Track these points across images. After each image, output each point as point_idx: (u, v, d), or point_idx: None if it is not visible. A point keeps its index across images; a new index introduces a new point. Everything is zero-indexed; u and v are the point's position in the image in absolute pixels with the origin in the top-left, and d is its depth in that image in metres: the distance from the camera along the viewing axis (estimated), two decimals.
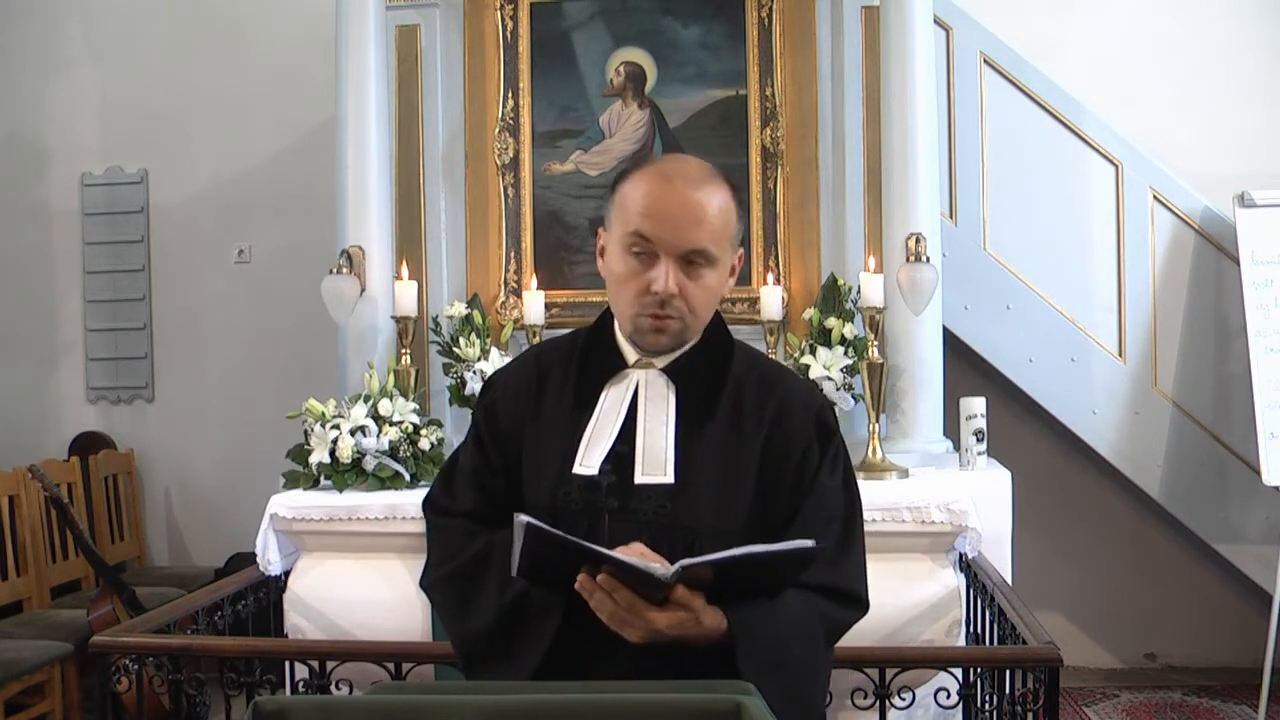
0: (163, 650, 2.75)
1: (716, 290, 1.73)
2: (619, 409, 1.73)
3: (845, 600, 1.74)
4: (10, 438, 5.40)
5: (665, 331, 1.70)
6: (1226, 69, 4.97)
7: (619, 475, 1.69)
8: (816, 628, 1.69)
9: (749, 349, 1.86)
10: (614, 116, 4.21)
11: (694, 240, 1.65)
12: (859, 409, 3.82)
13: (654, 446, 1.70)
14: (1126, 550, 5.05)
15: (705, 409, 1.73)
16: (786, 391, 1.78)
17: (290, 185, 5.29)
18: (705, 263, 1.67)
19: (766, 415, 1.74)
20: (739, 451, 1.72)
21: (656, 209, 1.65)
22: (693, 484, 1.68)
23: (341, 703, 1.42)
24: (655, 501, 1.67)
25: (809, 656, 1.67)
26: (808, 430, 1.75)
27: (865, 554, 1.79)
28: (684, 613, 1.55)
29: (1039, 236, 4.52)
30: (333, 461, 3.50)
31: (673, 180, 1.67)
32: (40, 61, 5.55)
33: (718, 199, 1.68)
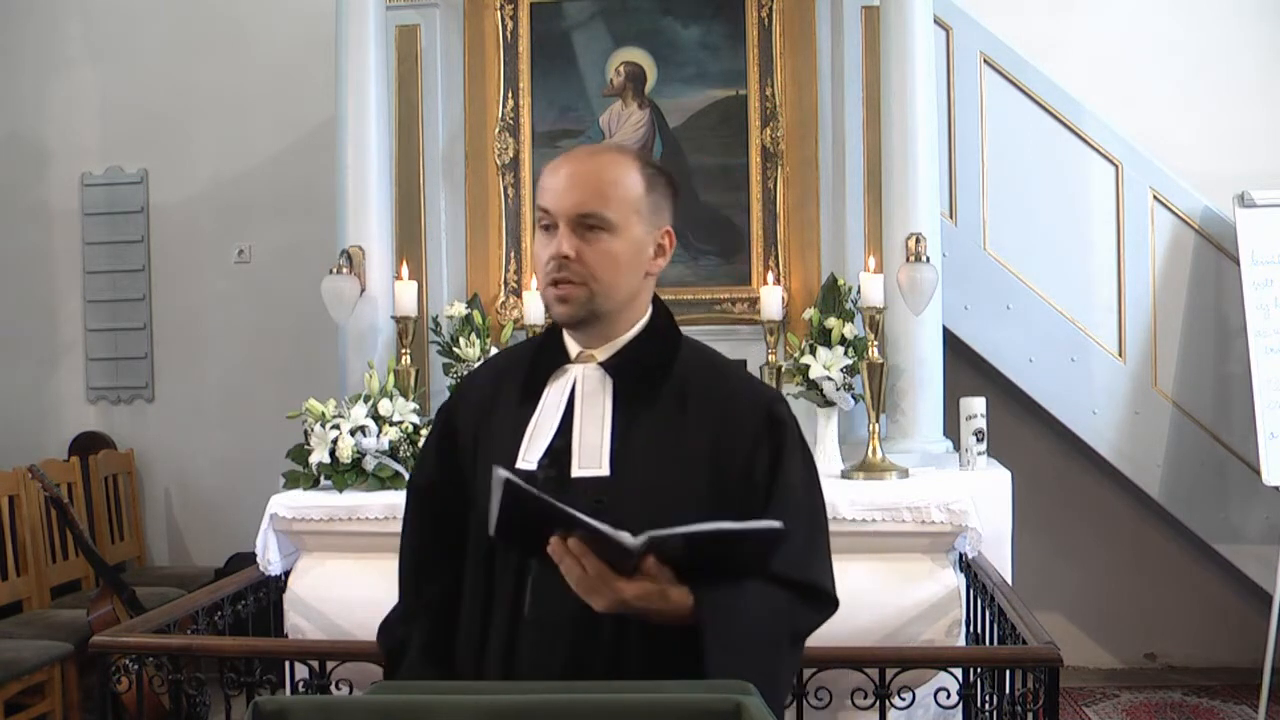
0: (163, 650, 2.75)
1: (623, 259, 1.71)
2: (559, 404, 1.75)
3: (815, 597, 1.74)
4: (10, 438, 5.40)
5: (568, 300, 1.70)
6: (1226, 69, 4.98)
7: (556, 469, 1.71)
8: (783, 622, 1.70)
9: (700, 345, 1.86)
10: (614, 116, 4.21)
11: (583, 203, 1.68)
12: (859, 409, 3.82)
13: (589, 440, 1.71)
14: (1126, 550, 5.05)
15: (643, 402, 1.73)
16: (734, 387, 1.78)
17: (290, 185, 5.29)
18: (602, 227, 1.69)
19: (712, 411, 1.73)
20: (681, 445, 1.71)
21: (552, 180, 1.71)
22: (629, 476, 1.69)
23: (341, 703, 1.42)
24: (591, 495, 1.68)
25: (773, 648, 1.67)
26: (758, 426, 1.73)
27: (830, 551, 1.79)
28: (651, 585, 1.57)
29: (1039, 236, 4.52)
30: (333, 461, 3.50)
31: (573, 155, 1.75)
32: (40, 61, 5.55)
33: (616, 167, 1.72)
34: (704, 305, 4.15)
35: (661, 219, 1.76)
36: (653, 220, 1.75)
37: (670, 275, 4.16)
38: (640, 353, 1.76)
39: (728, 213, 4.17)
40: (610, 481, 1.69)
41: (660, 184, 1.76)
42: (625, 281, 1.73)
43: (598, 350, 1.77)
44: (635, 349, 1.77)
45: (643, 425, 1.72)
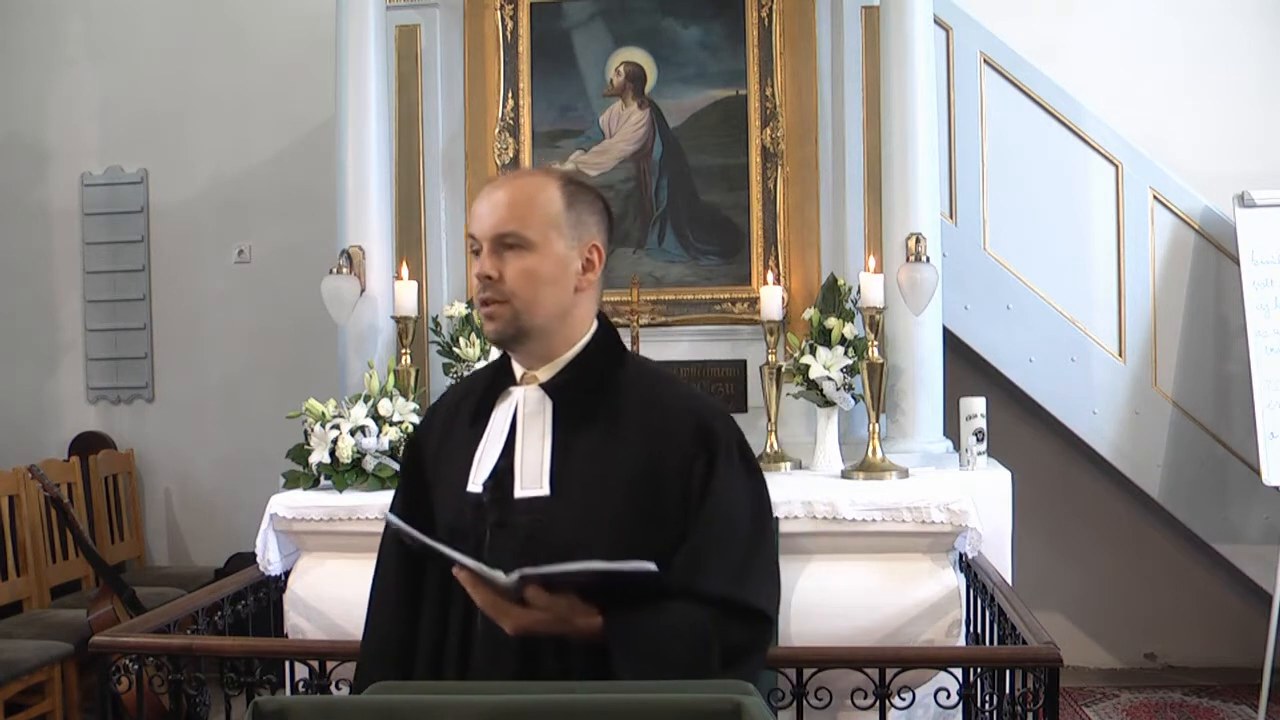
0: (163, 650, 2.75)
1: (543, 275, 1.74)
2: (504, 426, 1.78)
3: (746, 617, 1.70)
4: (10, 438, 5.40)
5: (494, 319, 1.75)
6: (1226, 69, 4.98)
7: (500, 491, 1.74)
8: (705, 641, 1.66)
9: (646, 362, 1.89)
10: (614, 116, 4.21)
11: (499, 223, 1.73)
12: (859, 409, 3.82)
13: (530, 461, 1.74)
14: (1126, 550, 5.05)
15: (582, 421, 1.75)
16: (671, 403, 1.78)
17: (290, 185, 5.29)
18: (519, 244, 1.73)
19: (647, 427, 1.74)
20: (618, 463, 1.72)
21: (476, 207, 1.78)
22: (566, 496, 1.72)
23: (341, 703, 1.42)
24: (531, 515, 1.72)
25: (694, 670, 1.63)
26: (691, 440, 1.73)
27: (776, 570, 1.79)
28: (543, 615, 1.60)
29: (1039, 236, 4.52)
30: (333, 461, 3.50)
31: (494, 181, 1.82)
32: (40, 61, 5.56)
33: (532, 188, 1.77)
34: (704, 305, 4.14)
35: (587, 234, 1.78)
36: (575, 235, 1.76)
37: (670, 275, 4.18)
38: (579, 372, 1.79)
39: (728, 213, 4.17)
40: (550, 501, 1.72)
41: (583, 200, 1.78)
42: (549, 297, 1.75)
43: (540, 371, 1.80)
44: (574, 368, 1.79)
45: (580, 445, 1.74)
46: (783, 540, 3.20)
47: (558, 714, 1.35)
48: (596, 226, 1.79)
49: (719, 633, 1.67)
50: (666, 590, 1.64)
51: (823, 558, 3.22)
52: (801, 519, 3.21)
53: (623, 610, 1.62)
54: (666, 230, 4.19)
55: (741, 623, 1.70)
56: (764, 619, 1.73)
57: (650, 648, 1.63)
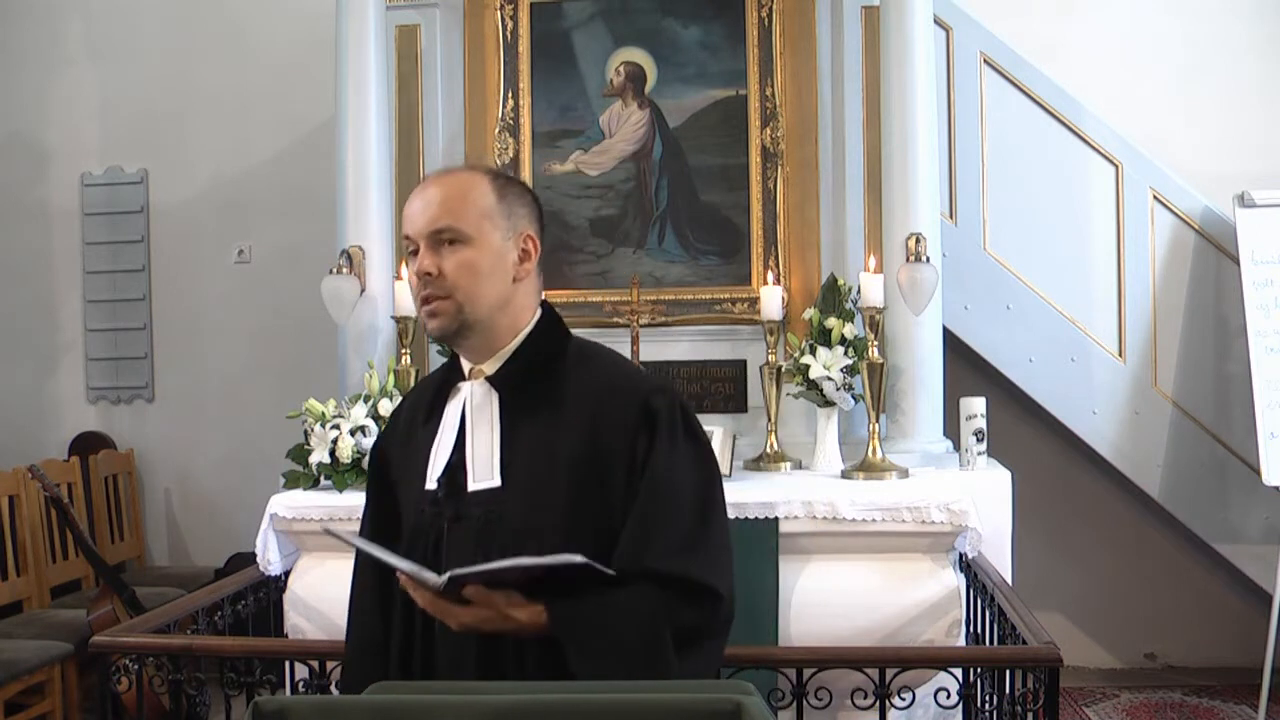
0: (163, 650, 2.75)
1: (482, 267, 1.75)
2: (454, 422, 1.80)
3: (696, 594, 1.67)
4: (10, 438, 5.40)
5: (437, 315, 1.75)
6: (1226, 69, 4.98)
7: (453, 485, 1.77)
8: (659, 625, 1.64)
9: (589, 344, 1.87)
10: (614, 116, 4.21)
11: (434, 219, 1.75)
12: (859, 409, 3.82)
13: (480, 453, 1.76)
14: (1126, 550, 5.05)
15: (527, 410, 1.77)
16: (611, 383, 1.78)
17: (290, 185, 5.29)
18: (456, 239, 1.74)
19: (586, 409, 1.74)
20: (559, 447, 1.73)
21: (409, 208, 1.79)
22: (515, 485, 1.73)
23: (341, 703, 1.42)
24: (484, 507, 1.74)
25: (647, 654, 1.63)
26: (633, 418, 1.72)
27: (726, 544, 1.74)
28: (485, 611, 1.62)
29: (1039, 236, 4.52)
30: (333, 461, 3.50)
31: (425, 181, 1.82)
32: (40, 61, 5.55)
33: (462, 183, 1.78)
34: (704, 305, 4.14)
35: (519, 225, 1.80)
36: (509, 226, 1.79)
37: (670, 275, 4.18)
38: (523, 362, 1.80)
39: (728, 213, 4.17)
40: (501, 492, 1.74)
41: (513, 192, 1.81)
42: (489, 289, 1.77)
43: (486, 365, 1.81)
44: (518, 359, 1.80)
45: (527, 433, 1.76)
46: (783, 540, 3.20)
47: (558, 714, 1.35)
48: (528, 217, 1.82)
49: (668, 614, 1.65)
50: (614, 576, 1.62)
51: (823, 558, 3.22)
52: (801, 519, 3.21)
53: (566, 601, 1.63)
54: (666, 230, 4.19)
55: (691, 601, 1.66)
56: (713, 595, 1.68)
57: (598, 636, 1.63)
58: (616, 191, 4.19)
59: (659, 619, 1.64)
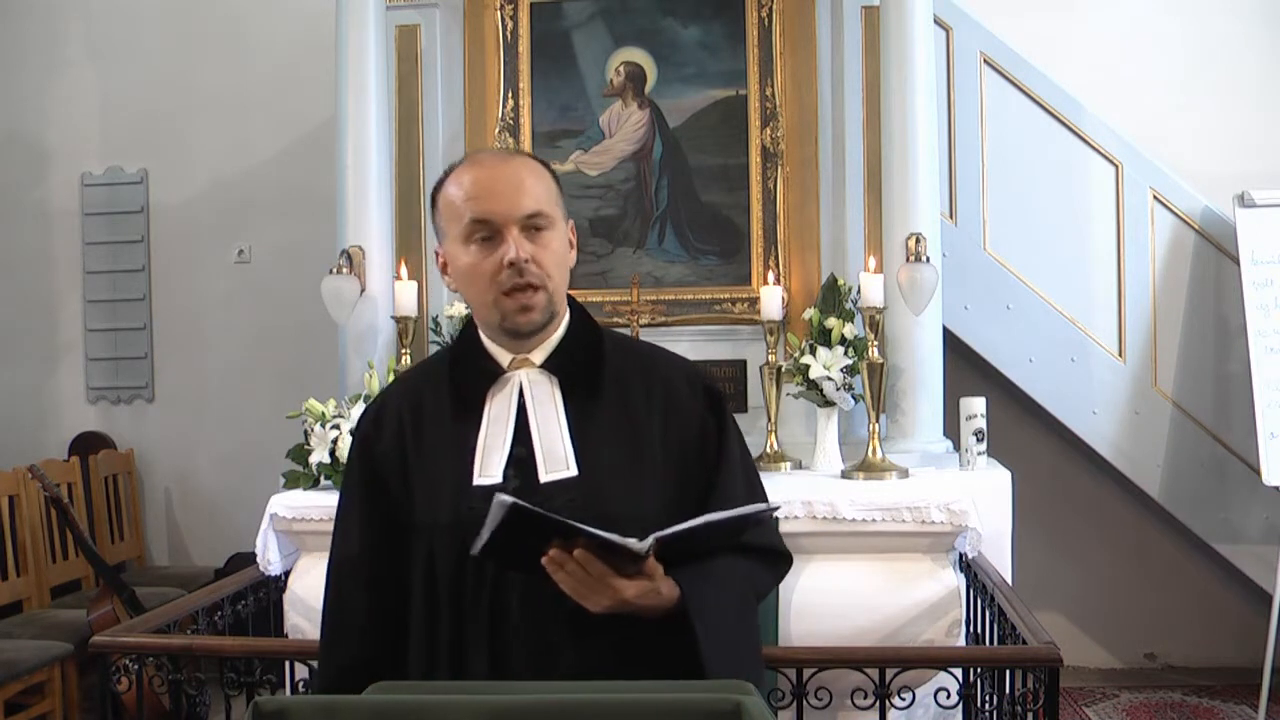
0: (163, 650, 2.75)
1: (563, 255, 1.74)
2: (508, 413, 1.72)
3: (776, 558, 1.86)
4: (10, 438, 5.40)
5: (532, 308, 1.69)
6: (1226, 69, 4.98)
7: (523, 479, 1.68)
8: (749, 588, 1.79)
9: (613, 331, 1.88)
10: (614, 116, 4.21)
11: (527, 203, 1.68)
12: (859, 409, 3.82)
13: (550, 443, 1.70)
14: (1126, 550, 5.05)
15: (590, 396, 1.74)
16: (669, 370, 1.81)
17: (290, 185, 5.29)
18: (546, 225, 1.70)
19: (657, 396, 1.76)
20: (635, 434, 1.73)
21: (483, 190, 1.68)
22: (595, 472, 1.69)
23: (341, 703, 1.42)
24: (563, 498, 1.67)
25: (746, 617, 1.76)
26: (700, 404, 1.78)
27: None
28: (648, 582, 1.60)
29: (1039, 236, 4.52)
30: (333, 461, 3.50)
31: (485, 163, 1.73)
32: (40, 61, 5.56)
33: (531, 166, 1.74)
34: (704, 305, 4.14)
35: (567, 214, 1.78)
36: (566, 214, 1.78)
37: (670, 275, 4.18)
38: (573, 349, 1.76)
39: (728, 213, 4.16)
40: (579, 481, 1.69)
41: (557, 181, 1.78)
42: (566, 278, 1.76)
43: (532, 354, 1.75)
44: (568, 346, 1.76)
45: (596, 420, 1.73)
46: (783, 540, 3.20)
47: (558, 714, 1.35)
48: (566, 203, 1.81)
49: (753, 580, 1.80)
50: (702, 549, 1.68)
51: (823, 558, 3.21)
52: (801, 519, 3.20)
53: (692, 575, 1.65)
54: (666, 230, 4.19)
55: (770, 566, 1.85)
56: (786, 557, 1.88)
57: (720, 610, 1.68)
58: (616, 191, 4.19)
59: (747, 586, 1.78)
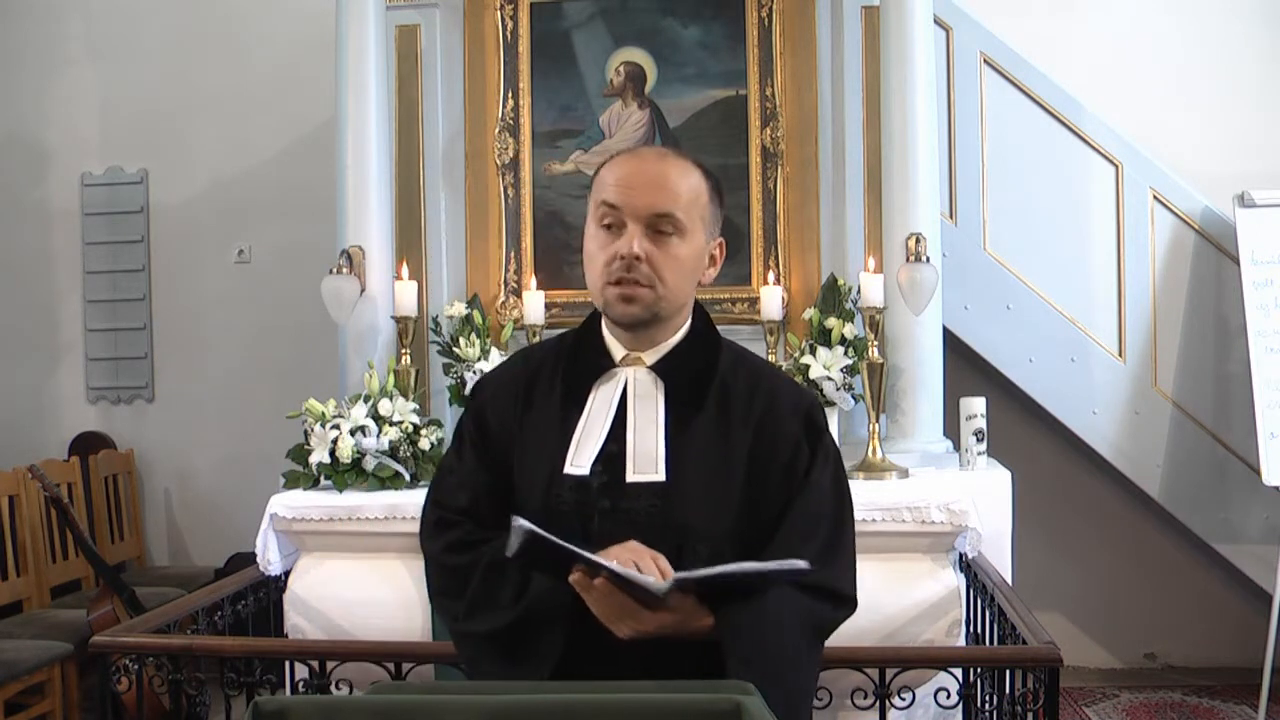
0: (163, 650, 2.75)
1: (688, 264, 1.72)
2: (609, 408, 1.73)
3: (835, 600, 1.73)
4: (10, 438, 5.40)
5: (635, 301, 1.68)
6: (1226, 69, 4.97)
7: (610, 475, 1.69)
8: (805, 627, 1.70)
9: (737, 346, 1.86)
10: (614, 116, 4.21)
11: (658, 203, 1.67)
12: (859, 409, 3.82)
13: (644, 444, 1.70)
14: (1126, 550, 5.05)
15: (694, 405, 1.73)
16: (774, 389, 1.78)
17: (290, 185, 5.29)
18: (673, 230, 1.68)
19: (755, 413, 1.73)
20: (727, 449, 1.71)
21: (624, 178, 1.69)
22: (683, 481, 1.68)
23: (341, 703, 1.42)
24: (646, 500, 1.67)
25: (796, 655, 1.67)
26: (797, 428, 1.74)
27: (855, 554, 1.79)
28: (670, 616, 1.58)
29: (1039, 236, 4.52)
30: (333, 461, 3.50)
31: (642, 155, 1.75)
32: (40, 61, 5.55)
33: (687, 172, 1.72)
34: (704, 305, 4.13)
35: (717, 229, 1.78)
36: (712, 229, 1.76)
37: None
38: (687, 357, 1.76)
39: (728, 213, 4.14)
40: (666, 487, 1.68)
41: (719, 196, 1.77)
42: (686, 286, 1.74)
43: (645, 354, 1.76)
44: (682, 353, 1.76)
45: (694, 430, 1.72)
46: None
47: (558, 714, 1.35)
48: (721, 224, 1.79)
49: (811, 617, 1.70)
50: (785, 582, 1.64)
51: None
52: None
53: (732, 607, 1.61)
54: None
55: (833, 606, 1.73)
56: (850, 602, 1.76)
57: (759, 642, 1.62)
58: None
59: (804, 624, 1.69)
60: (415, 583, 3.25)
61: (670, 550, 1.60)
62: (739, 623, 1.60)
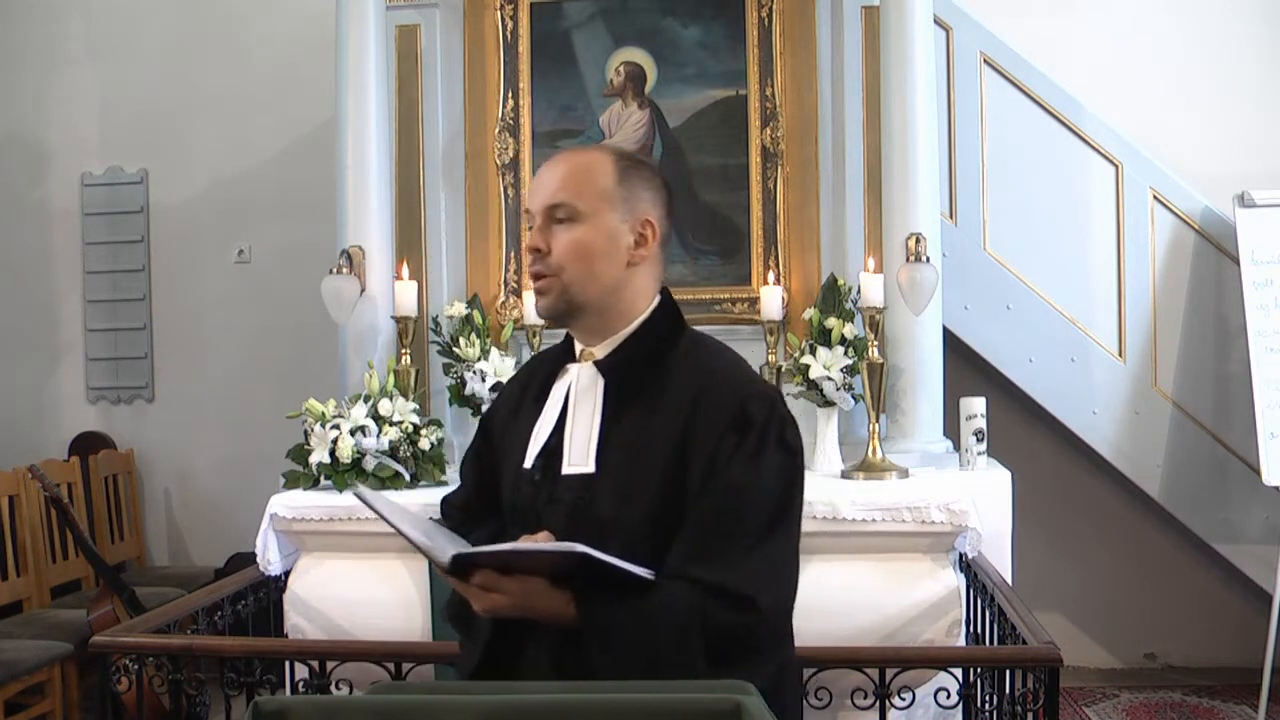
0: (163, 650, 2.75)
1: (593, 246, 1.73)
2: (558, 403, 1.80)
3: (734, 602, 1.61)
4: (10, 438, 5.40)
5: (544, 293, 1.75)
6: (1226, 69, 4.98)
7: (550, 468, 1.76)
8: (690, 627, 1.60)
9: (704, 338, 1.84)
10: (614, 116, 4.21)
11: (550, 195, 1.74)
12: (859, 409, 3.82)
13: (579, 438, 1.75)
14: (1126, 550, 5.05)
15: (630, 398, 1.75)
16: (718, 380, 1.73)
17: (290, 185, 5.29)
18: (567, 217, 1.73)
19: (687, 403, 1.70)
20: (655, 440, 1.70)
21: (532, 183, 1.81)
22: (609, 473, 1.71)
23: (341, 703, 1.42)
24: (575, 492, 1.72)
25: (673, 654, 1.59)
26: (726, 418, 1.68)
27: (785, 559, 1.70)
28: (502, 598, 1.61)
29: (1039, 236, 4.52)
30: (333, 461, 3.50)
31: (552, 158, 1.81)
32: (40, 61, 5.55)
33: (587, 161, 1.77)
34: (704, 305, 4.14)
35: (640, 208, 1.76)
36: (628, 209, 1.75)
37: (670, 275, 4.11)
38: (634, 350, 1.78)
39: (728, 213, 4.16)
40: (592, 479, 1.72)
41: (638, 175, 1.77)
42: (600, 270, 1.74)
43: (598, 348, 1.80)
44: (631, 345, 1.78)
45: (626, 422, 1.74)
46: None
47: (557, 714, 1.35)
48: (651, 201, 1.78)
49: (702, 619, 1.60)
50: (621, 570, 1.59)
51: (823, 558, 3.21)
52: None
53: (597, 596, 1.61)
54: None
55: (730, 608, 1.61)
56: (749, 604, 1.62)
57: (626, 636, 1.60)
58: None
59: (692, 622, 1.60)
60: (415, 583, 3.26)
61: (594, 541, 1.59)
62: (599, 613, 1.61)
